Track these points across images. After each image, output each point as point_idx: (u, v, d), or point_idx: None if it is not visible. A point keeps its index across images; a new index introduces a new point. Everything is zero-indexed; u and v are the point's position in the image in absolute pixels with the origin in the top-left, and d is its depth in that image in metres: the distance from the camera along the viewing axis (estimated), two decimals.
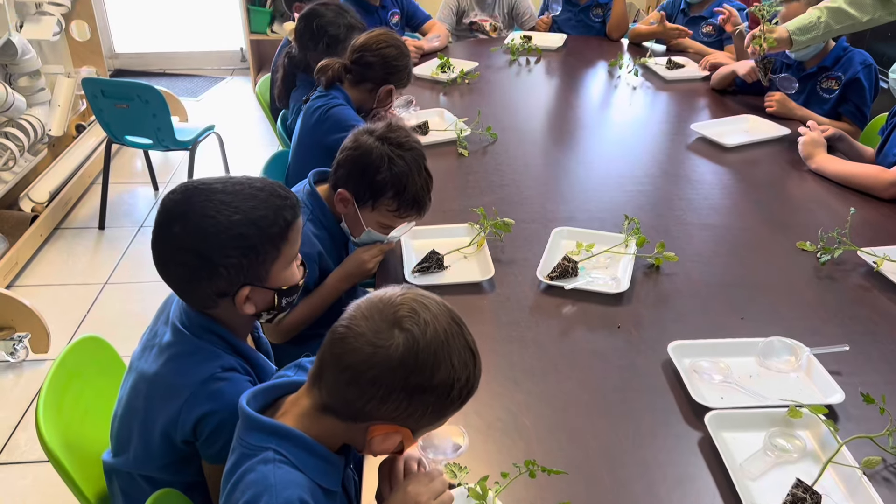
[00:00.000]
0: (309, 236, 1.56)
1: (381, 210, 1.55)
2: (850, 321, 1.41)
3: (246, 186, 1.11)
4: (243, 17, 4.62)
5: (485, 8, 3.37)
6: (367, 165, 1.51)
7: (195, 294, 1.11)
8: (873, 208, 1.81)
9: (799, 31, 2.12)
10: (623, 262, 1.58)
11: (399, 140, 1.54)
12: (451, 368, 0.89)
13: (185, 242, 1.07)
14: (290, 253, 1.15)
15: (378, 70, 2.06)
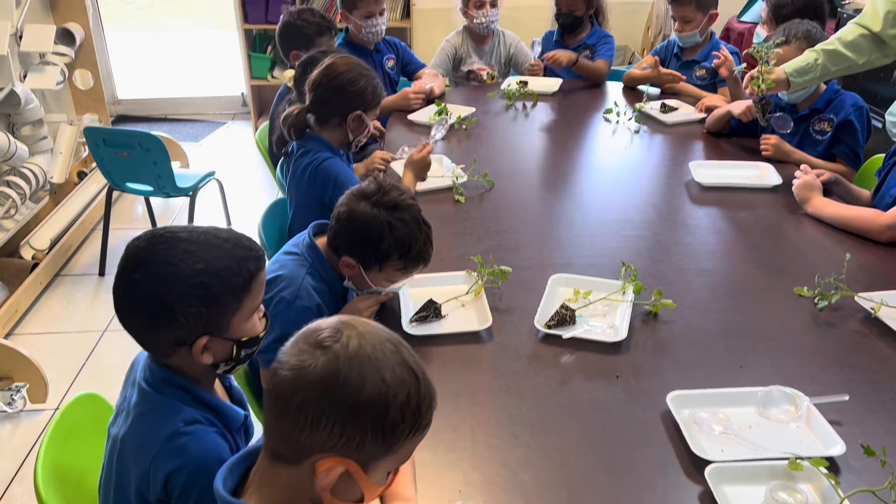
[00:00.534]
0: (308, 289, 1.56)
1: (387, 270, 1.55)
2: (849, 369, 1.41)
3: (211, 236, 1.12)
4: (244, 63, 4.69)
5: (482, 56, 3.42)
6: (368, 235, 1.52)
7: (153, 341, 1.12)
8: (870, 252, 1.82)
9: (796, 73, 2.15)
10: (621, 310, 1.58)
11: (394, 202, 1.53)
12: (380, 383, 0.84)
13: (145, 289, 1.07)
14: (252, 304, 1.15)
15: (337, 101, 2.03)
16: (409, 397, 0.86)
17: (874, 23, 2.08)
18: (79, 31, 3.67)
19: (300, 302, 1.54)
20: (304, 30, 2.71)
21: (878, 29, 2.07)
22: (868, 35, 2.09)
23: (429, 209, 2.06)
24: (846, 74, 2.18)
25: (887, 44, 2.09)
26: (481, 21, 3.28)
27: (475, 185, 2.23)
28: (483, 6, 3.27)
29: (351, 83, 2.03)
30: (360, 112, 2.05)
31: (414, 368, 0.88)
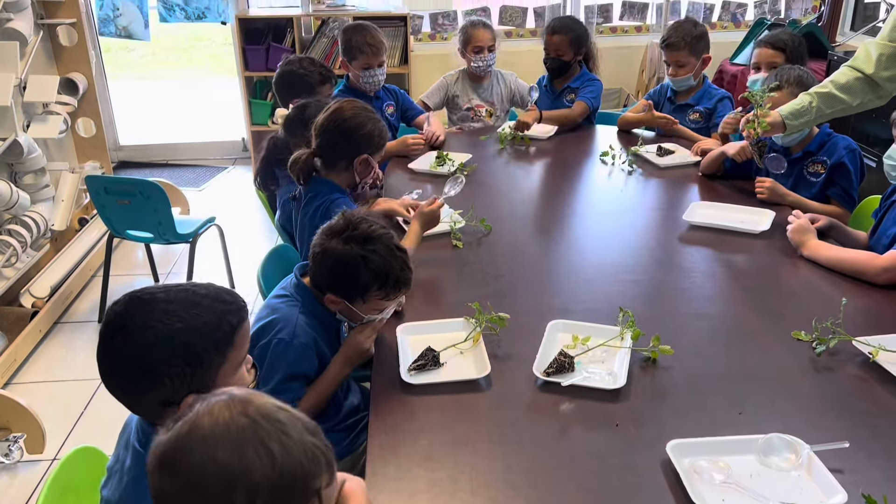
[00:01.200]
0: (304, 327, 1.58)
1: (371, 301, 1.58)
2: (848, 414, 1.41)
3: (190, 294, 1.12)
4: (245, 109, 4.76)
5: (481, 94, 3.47)
6: (344, 272, 1.54)
7: (140, 405, 1.12)
8: (866, 295, 1.82)
9: (792, 116, 2.18)
10: (619, 356, 1.58)
11: (365, 234, 1.56)
12: None
13: (127, 354, 1.08)
14: (238, 357, 1.15)
15: (345, 145, 2.07)
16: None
17: (867, 65, 2.12)
18: (82, 80, 3.73)
19: (298, 340, 1.55)
20: (306, 78, 2.76)
21: (871, 71, 2.11)
22: (861, 77, 2.13)
23: (426, 254, 2.09)
24: (841, 116, 2.21)
25: (881, 86, 2.12)
26: (479, 65, 3.36)
27: (472, 230, 2.24)
28: (481, 51, 3.34)
29: (359, 127, 2.07)
30: (367, 155, 2.09)
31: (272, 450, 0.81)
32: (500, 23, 4.90)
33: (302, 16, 4.59)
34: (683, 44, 2.95)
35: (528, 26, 4.97)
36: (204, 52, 10.15)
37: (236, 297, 1.16)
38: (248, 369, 1.19)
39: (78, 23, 3.66)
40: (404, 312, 1.79)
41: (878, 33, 4.39)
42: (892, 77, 2.10)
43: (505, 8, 4.94)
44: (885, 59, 2.08)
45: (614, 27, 4.95)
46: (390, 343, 1.66)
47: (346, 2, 4.64)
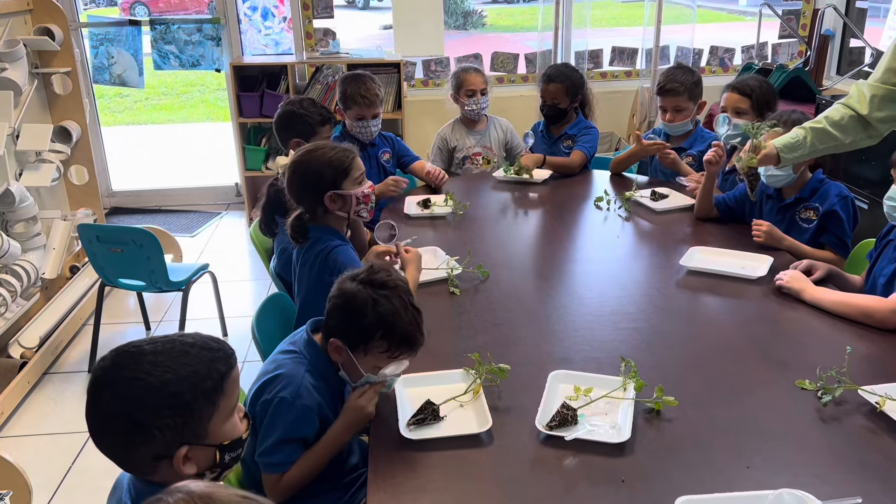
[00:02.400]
0: (308, 388, 1.54)
1: (373, 353, 1.54)
2: (859, 467, 1.38)
3: (177, 344, 1.11)
4: (238, 154, 4.77)
5: (477, 139, 3.49)
6: (353, 311, 1.52)
7: (132, 461, 1.09)
8: (870, 342, 1.80)
9: (786, 149, 2.19)
10: (623, 408, 1.55)
11: (381, 280, 1.55)
12: None
13: (115, 409, 1.06)
14: (229, 405, 1.13)
15: (308, 193, 2.08)
16: None
17: (861, 106, 2.15)
18: (75, 128, 3.73)
19: (301, 401, 1.52)
20: (307, 118, 2.76)
21: (865, 112, 2.13)
22: (855, 116, 2.16)
23: (423, 302, 2.04)
24: (834, 152, 2.22)
25: (873, 126, 2.14)
26: (472, 108, 3.39)
27: (469, 277, 2.22)
28: (474, 95, 3.38)
29: (306, 172, 2.07)
30: (331, 192, 2.07)
31: None
32: (491, 69, 4.97)
33: (296, 63, 4.64)
34: (683, 89, 2.97)
35: (519, 72, 5.03)
36: (197, 98, 10.24)
37: (224, 345, 1.16)
38: (240, 418, 1.17)
39: (72, 71, 3.68)
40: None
41: (863, 77, 4.47)
42: (884, 118, 2.12)
43: (496, 54, 5.01)
44: (878, 100, 2.11)
45: (604, 72, 5.02)
46: (389, 396, 1.62)
47: (340, 49, 4.70)
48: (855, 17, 4.78)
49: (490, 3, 14.14)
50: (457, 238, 2.60)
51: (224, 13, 4.71)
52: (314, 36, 4.78)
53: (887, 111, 2.11)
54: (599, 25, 7.43)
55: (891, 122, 2.14)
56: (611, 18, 10.80)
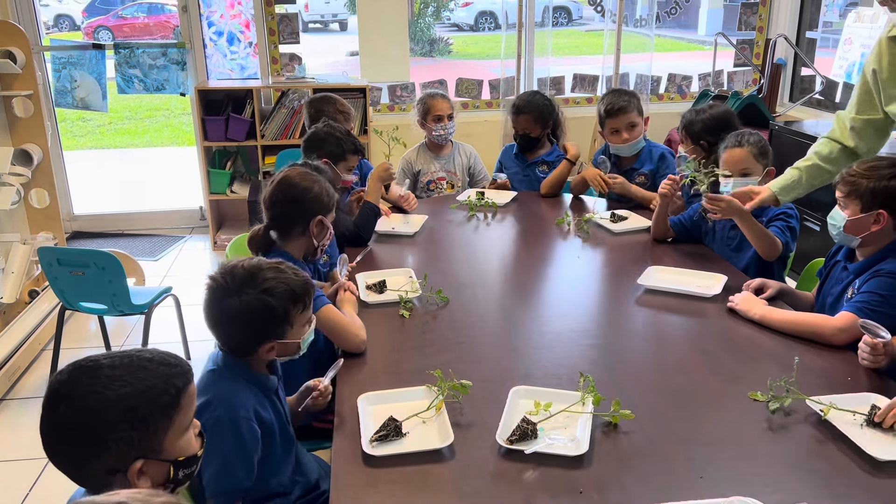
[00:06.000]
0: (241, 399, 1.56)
1: (297, 323, 1.62)
2: (807, 475, 1.43)
3: (134, 358, 1.13)
4: (203, 178, 4.76)
5: (442, 164, 3.54)
6: (260, 319, 1.56)
7: (86, 475, 1.10)
8: (818, 356, 1.87)
9: (783, 192, 2.28)
10: (581, 422, 1.58)
11: (246, 276, 1.57)
12: None
13: (72, 422, 1.07)
14: (184, 421, 1.15)
15: (298, 211, 2.09)
16: None
17: (845, 138, 2.25)
18: (37, 151, 3.70)
19: (235, 415, 1.52)
20: (342, 143, 2.76)
21: (852, 145, 2.24)
22: (842, 148, 2.26)
23: (386, 321, 2.09)
24: (826, 184, 2.29)
25: (859, 155, 2.25)
26: (440, 133, 3.44)
27: (432, 298, 2.25)
28: (441, 120, 3.43)
29: (307, 191, 2.10)
30: (321, 217, 2.11)
31: None
32: (456, 94, 5.05)
33: (262, 87, 4.67)
34: (632, 105, 3.05)
35: (483, 98, 5.12)
36: (162, 123, 10.18)
37: (181, 361, 1.17)
38: (195, 435, 1.18)
39: (34, 94, 3.65)
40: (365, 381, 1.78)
41: (815, 104, 4.63)
42: (869, 147, 2.25)
43: (461, 80, 5.10)
44: (858, 130, 2.23)
45: (566, 98, 5.13)
46: (351, 414, 1.64)
47: (306, 74, 4.74)
48: (805, 47, 4.98)
49: (456, 31, 14.35)
50: (422, 258, 2.64)
51: (189, 38, 4.73)
52: (280, 61, 4.82)
53: (867, 140, 2.23)
54: (561, 54, 7.61)
55: (872, 149, 2.26)
56: (573, 47, 11.04)
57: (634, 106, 3.05)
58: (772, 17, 5.09)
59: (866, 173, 1.94)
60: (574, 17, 13.98)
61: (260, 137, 4.59)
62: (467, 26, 14.51)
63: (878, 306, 1.89)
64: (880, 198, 1.92)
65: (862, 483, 1.40)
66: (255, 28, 4.76)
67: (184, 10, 4.70)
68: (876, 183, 1.92)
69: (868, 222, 1.94)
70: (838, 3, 4.83)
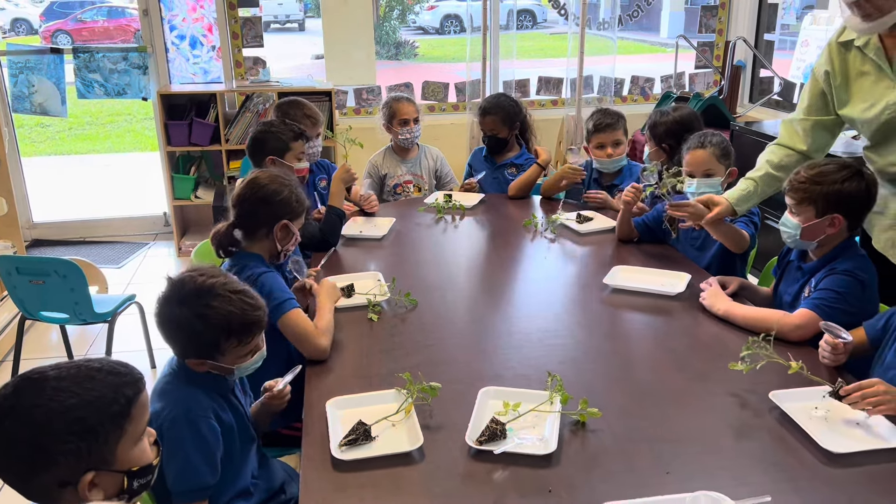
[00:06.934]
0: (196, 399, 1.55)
1: (230, 353, 1.58)
2: (771, 469, 1.46)
3: (82, 369, 1.11)
4: (167, 184, 4.69)
5: (409, 167, 3.54)
6: (187, 337, 1.55)
7: (35, 489, 1.08)
8: (779, 352, 1.90)
9: (739, 202, 2.31)
10: (549, 421, 1.60)
11: (194, 291, 1.55)
12: None
13: (17, 436, 1.05)
14: (137, 430, 1.13)
15: (264, 213, 2.07)
16: None
17: (795, 142, 2.29)
18: None
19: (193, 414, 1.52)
20: (279, 135, 2.75)
21: (804, 148, 2.28)
22: (793, 154, 2.30)
23: (354, 325, 2.09)
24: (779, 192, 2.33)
25: (812, 158, 2.28)
26: (406, 137, 3.44)
27: (400, 302, 2.24)
28: (408, 123, 3.43)
29: (275, 194, 2.08)
30: (286, 221, 2.09)
31: None
32: (422, 97, 5.06)
33: (225, 91, 4.62)
34: (619, 123, 3.10)
35: (449, 100, 5.13)
36: (124, 128, 10.02)
37: (132, 369, 1.16)
38: (150, 443, 1.17)
39: None
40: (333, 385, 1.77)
41: (774, 105, 4.73)
42: (818, 147, 2.29)
43: (427, 83, 5.10)
44: (809, 131, 2.27)
45: (532, 101, 5.17)
46: (320, 419, 1.63)
47: (270, 78, 4.71)
48: (764, 49, 5.08)
49: (422, 34, 14.37)
50: (390, 261, 2.64)
51: (151, 42, 4.66)
52: (244, 65, 4.77)
53: (819, 140, 2.28)
54: (526, 56, 7.66)
55: (824, 149, 2.31)
56: (538, 50, 11.12)
57: (621, 126, 3.12)
58: (731, 20, 5.19)
59: (817, 179, 1.98)
60: (539, 20, 14.10)
61: (224, 142, 4.54)
62: (433, 29, 14.55)
63: (834, 303, 1.93)
64: (834, 202, 1.96)
65: (822, 475, 1.43)
66: (218, 32, 4.72)
67: (145, 14, 4.63)
68: (829, 188, 1.96)
69: (823, 227, 1.98)
70: (795, 6, 4.95)
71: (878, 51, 2.05)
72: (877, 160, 2.16)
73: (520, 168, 3.45)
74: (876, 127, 2.08)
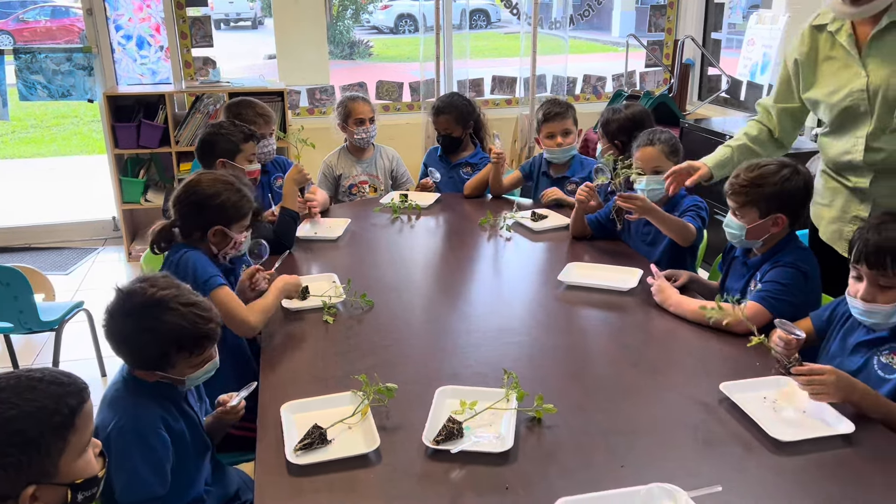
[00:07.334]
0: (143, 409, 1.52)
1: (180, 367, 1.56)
2: (721, 458, 1.49)
3: (23, 379, 1.08)
4: (115, 187, 4.58)
5: (364, 167, 3.52)
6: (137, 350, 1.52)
7: None
8: (729, 343, 1.95)
9: (717, 167, 2.35)
10: (506, 418, 1.60)
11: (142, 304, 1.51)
12: None
13: None
14: (81, 441, 1.11)
15: (198, 217, 2.05)
16: None
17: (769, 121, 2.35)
18: None
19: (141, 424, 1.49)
20: (230, 137, 2.70)
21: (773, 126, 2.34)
22: (768, 131, 2.36)
23: (309, 329, 2.07)
24: None
25: (780, 139, 2.36)
26: (361, 136, 3.42)
27: (357, 302, 2.23)
28: (363, 123, 3.41)
29: (211, 198, 2.03)
30: (220, 227, 2.05)
31: None
32: (376, 97, 5.03)
33: (174, 92, 4.53)
34: (569, 114, 3.13)
35: (404, 100, 5.12)
36: (70, 131, 9.76)
37: (75, 379, 1.13)
38: (95, 455, 1.14)
39: None
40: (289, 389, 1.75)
41: (721, 102, 4.82)
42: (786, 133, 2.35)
43: (381, 83, 5.08)
44: (778, 116, 2.34)
45: (486, 100, 5.19)
46: (274, 424, 1.61)
47: (221, 78, 4.63)
48: (711, 48, 5.19)
49: (376, 33, 14.32)
50: (346, 263, 2.61)
51: (96, 42, 4.55)
52: (193, 65, 4.69)
53: (786, 126, 2.34)
54: (480, 56, 7.69)
55: (790, 135, 2.37)
56: (492, 49, 11.17)
57: (570, 115, 3.14)
58: (679, 19, 5.28)
59: (758, 181, 2.03)
60: (493, 19, 14.17)
61: (174, 144, 4.46)
62: (387, 29, 14.51)
63: (780, 295, 1.98)
64: (776, 203, 2.02)
65: (771, 464, 1.47)
66: (165, 31, 4.62)
67: (89, 14, 4.51)
68: (770, 189, 2.01)
69: (767, 226, 2.05)
70: (741, 5, 5.06)
71: (849, 37, 2.08)
72: (830, 149, 2.20)
73: (475, 167, 3.46)
74: (837, 112, 2.13)
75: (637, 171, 2.48)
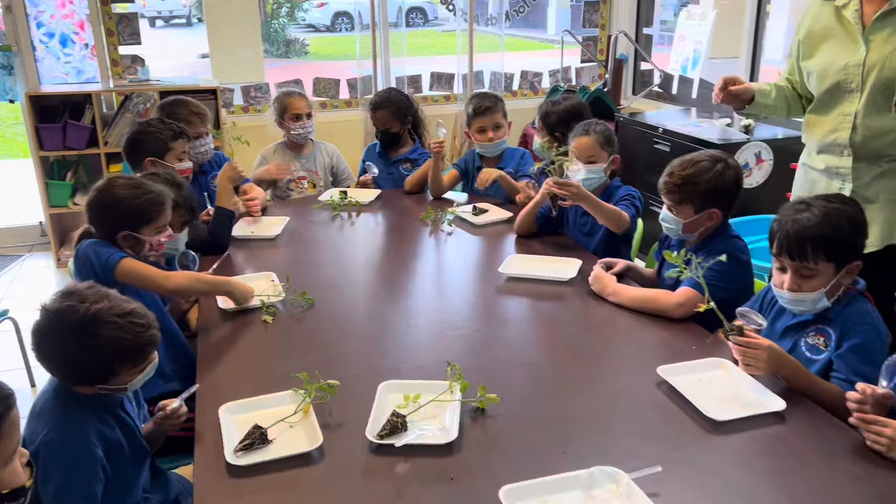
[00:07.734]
0: (73, 419, 1.46)
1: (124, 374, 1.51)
2: (660, 439, 1.52)
3: None
4: (41, 191, 4.40)
5: (303, 163, 3.47)
6: (76, 369, 1.47)
7: None
8: (665, 329, 1.99)
9: (758, 94, 2.34)
10: (450, 410, 1.60)
11: (76, 323, 1.44)
12: None
13: None
14: (7, 451, 1.07)
15: (105, 222, 2.01)
16: None
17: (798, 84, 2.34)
18: None
19: (71, 437, 1.43)
20: (158, 135, 2.62)
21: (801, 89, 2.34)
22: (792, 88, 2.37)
23: (247, 330, 2.03)
24: (775, 115, 2.42)
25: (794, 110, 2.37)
26: (298, 132, 3.37)
27: (296, 302, 2.20)
28: (300, 118, 3.36)
29: (116, 204, 1.99)
30: (128, 232, 2.00)
31: None
32: (314, 94, 4.97)
33: (102, 91, 4.38)
34: (498, 106, 3.14)
35: (342, 97, 5.07)
36: None
37: (1, 386, 1.08)
38: (22, 465, 1.09)
39: None
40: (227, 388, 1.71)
41: (654, 96, 4.92)
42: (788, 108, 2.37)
43: (318, 80, 5.02)
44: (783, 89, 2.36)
45: (425, 97, 5.18)
46: (213, 426, 1.57)
47: (150, 76, 4.50)
48: (644, 43, 5.30)
49: (312, 32, 14.14)
50: (285, 261, 2.57)
51: (16, 40, 4.36)
52: (121, 63, 4.54)
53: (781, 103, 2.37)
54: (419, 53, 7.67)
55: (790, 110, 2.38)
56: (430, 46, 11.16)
57: (500, 108, 3.15)
58: (612, 15, 5.38)
59: (693, 180, 2.09)
60: (430, 17, 14.16)
61: (103, 144, 4.31)
62: (324, 27, 14.34)
63: (713, 280, 2.03)
64: (711, 198, 2.09)
65: (708, 443, 1.51)
66: (90, 29, 4.46)
67: (8, 11, 4.32)
68: (704, 186, 2.08)
69: (703, 220, 2.12)
70: (671, 2, 5.19)
71: (855, 13, 2.11)
72: (816, 127, 2.24)
73: (414, 163, 3.45)
74: (827, 86, 2.17)
75: (571, 158, 2.51)
